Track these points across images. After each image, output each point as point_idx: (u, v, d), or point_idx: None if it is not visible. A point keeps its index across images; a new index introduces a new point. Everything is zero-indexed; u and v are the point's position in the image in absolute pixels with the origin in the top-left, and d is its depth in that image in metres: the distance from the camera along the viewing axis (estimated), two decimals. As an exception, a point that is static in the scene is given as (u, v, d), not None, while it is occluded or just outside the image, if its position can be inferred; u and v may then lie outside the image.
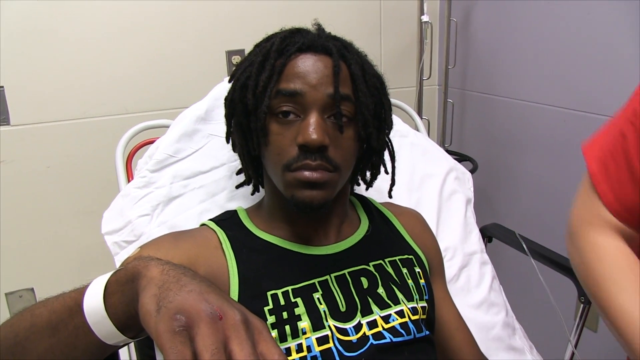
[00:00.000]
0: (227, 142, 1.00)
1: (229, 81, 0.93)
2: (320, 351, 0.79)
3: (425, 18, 2.07)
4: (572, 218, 0.89)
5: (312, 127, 0.79)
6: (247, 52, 0.94)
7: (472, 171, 1.96)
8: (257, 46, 0.92)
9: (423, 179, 1.33)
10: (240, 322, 0.48)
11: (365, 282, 0.89)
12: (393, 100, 0.99)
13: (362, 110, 0.85)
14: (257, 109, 0.84)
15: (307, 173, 0.80)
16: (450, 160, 1.41)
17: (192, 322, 0.46)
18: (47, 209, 1.85)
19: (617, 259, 0.81)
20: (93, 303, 0.57)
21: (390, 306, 0.87)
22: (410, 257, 0.97)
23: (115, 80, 1.85)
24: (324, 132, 0.80)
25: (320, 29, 0.92)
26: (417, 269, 0.96)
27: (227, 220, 0.95)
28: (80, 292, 0.59)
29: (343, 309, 0.84)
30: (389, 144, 1.01)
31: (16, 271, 1.86)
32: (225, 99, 0.93)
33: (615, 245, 0.82)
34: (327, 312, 0.83)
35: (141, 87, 1.89)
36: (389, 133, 0.97)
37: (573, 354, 1.18)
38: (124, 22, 1.82)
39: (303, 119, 0.82)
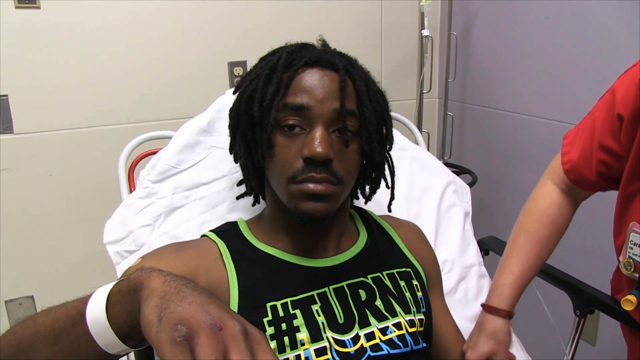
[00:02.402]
0: (231, 153, 1.01)
1: (234, 93, 0.95)
2: None
3: (425, 32, 2.09)
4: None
5: (318, 141, 0.80)
6: (249, 63, 0.95)
7: (471, 184, 1.97)
8: (262, 59, 0.93)
9: (422, 192, 1.34)
10: (240, 332, 0.49)
11: (363, 294, 0.90)
12: (393, 114, 1.01)
13: (367, 126, 0.87)
14: (263, 121, 0.85)
15: (311, 185, 0.81)
16: (448, 173, 1.42)
17: (193, 332, 0.47)
18: (49, 217, 1.87)
19: (540, 211, 1.09)
20: (95, 312, 0.58)
21: (388, 318, 0.88)
22: (408, 269, 0.98)
23: (118, 91, 1.87)
24: (329, 146, 0.81)
25: (324, 44, 0.94)
26: (415, 282, 0.96)
27: (228, 232, 0.96)
28: (83, 301, 0.60)
29: (341, 321, 0.85)
30: (389, 159, 1.02)
31: (16, 279, 1.87)
32: (230, 111, 0.95)
33: (547, 194, 1.10)
34: (326, 324, 0.84)
35: (144, 98, 1.91)
36: (390, 148, 0.99)
37: (569, 367, 1.19)
38: (127, 33, 1.84)
39: (309, 132, 0.83)
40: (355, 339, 0.84)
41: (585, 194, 1.07)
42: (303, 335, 0.82)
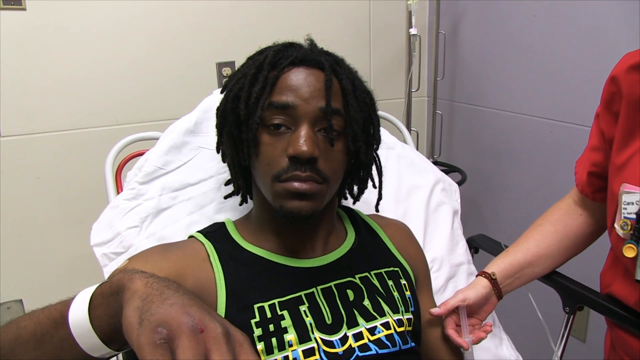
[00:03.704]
0: (218, 152, 1.01)
1: (221, 92, 0.94)
2: None
3: (413, 31, 2.10)
4: None
5: (303, 139, 0.80)
6: (237, 64, 0.95)
7: (460, 182, 1.98)
8: (250, 59, 0.93)
9: (410, 191, 1.34)
10: (222, 334, 0.49)
11: (351, 294, 0.89)
12: (381, 113, 1.01)
13: (352, 125, 0.87)
14: (249, 120, 0.85)
15: (296, 184, 0.81)
16: (437, 171, 1.42)
17: (174, 334, 0.47)
18: (37, 220, 1.85)
19: (549, 211, 1.16)
20: (78, 315, 0.57)
21: (376, 318, 0.88)
22: (396, 269, 0.98)
23: (105, 92, 1.86)
24: (314, 144, 0.81)
25: (312, 43, 0.94)
26: (403, 281, 0.96)
27: (215, 233, 0.95)
28: (66, 304, 0.59)
29: (329, 321, 0.85)
30: (377, 159, 1.02)
31: (4, 282, 1.85)
32: (217, 110, 0.94)
33: (560, 202, 1.17)
34: (314, 325, 0.83)
35: (131, 99, 1.90)
36: (377, 148, 0.99)
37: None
38: (114, 34, 1.83)
39: (294, 131, 0.83)
40: (344, 340, 0.84)
41: (594, 205, 1.10)
42: (291, 336, 0.81)
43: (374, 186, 1.04)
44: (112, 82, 1.86)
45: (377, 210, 1.08)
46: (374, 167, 1.02)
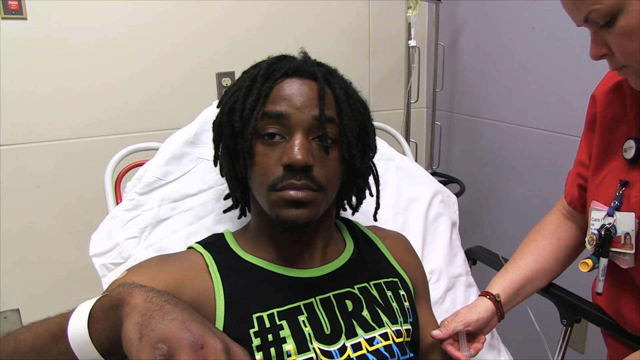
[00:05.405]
0: (215, 165, 1.01)
1: (217, 106, 0.95)
2: None
3: (412, 43, 2.11)
4: None
5: (297, 148, 0.81)
6: (237, 74, 0.96)
7: (459, 193, 1.98)
8: (244, 73, 0.94)
9: (409, 202, 1.34)
10: (222, 350, 0.49)
11: (350, 304, 0.90)
12: (380, 124, 1.01)
13: (346, 133, 0.87)
14: (244, 131, 0.86)
15: (292, 192, 0.82)
16: (435, 183, 1.42)
17: (174, 350, 0.47)
18: (35, 229, 1.85)
19: (540, 226, 1.17)
20: (77, 329, 0.57)
21: (375, 329, 0.88)
22: (394, 280, 0.98)
23: (105, 101, 1.86)
24: (308, 153, 0.82)
25: (305, 55, 0.95)
26: (402, 292, 0.97)
27: (214, 243, 0.96)
28: (65, 317, 0.59)
29: (328, 332, 0.85)
30: (373, 168, 1.03)
31: (1, 292, 1.85)
32: (213, 123, 0.95)
33: (549, 216, 1.18)
34: (312, 335, 0.83)
35: (131, 108, 1.90)
36: (373, 157, 0.99)
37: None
38: (114, 44, 1.84)
39: (288, 140, 0.84)
40: (342, 350, 0.84)
41: (582, 217, 1.11)
42: (289, 346, 0.81)
43: (371, 194, 1.05)
44: (112, 91, 1.87)
45: (375, 219, 1.08)
46: (371, 177, 1.03)
